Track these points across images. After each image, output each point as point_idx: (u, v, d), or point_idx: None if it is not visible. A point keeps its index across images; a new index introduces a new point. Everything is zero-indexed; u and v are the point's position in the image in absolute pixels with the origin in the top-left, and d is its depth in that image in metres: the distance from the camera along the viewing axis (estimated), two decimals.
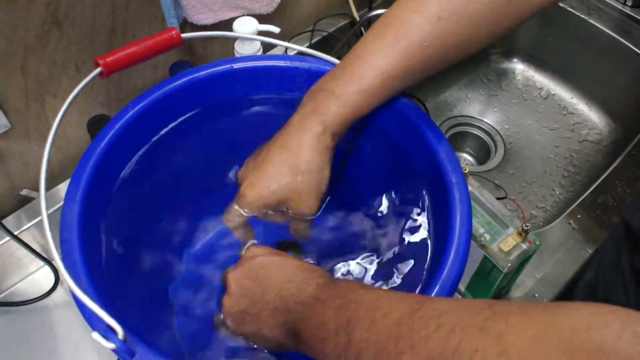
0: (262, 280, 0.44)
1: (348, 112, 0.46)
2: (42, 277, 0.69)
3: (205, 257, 0.61)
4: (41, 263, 0.67)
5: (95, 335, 0.37)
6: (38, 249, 0.63)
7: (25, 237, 0.65)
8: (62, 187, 0.71)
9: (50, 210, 0.67)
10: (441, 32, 0.46)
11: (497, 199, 0.61)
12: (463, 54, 0.49)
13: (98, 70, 0.48)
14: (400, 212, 0.55)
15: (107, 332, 0.37)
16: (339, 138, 0.48)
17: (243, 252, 0.50)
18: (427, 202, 0.52)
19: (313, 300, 0.40)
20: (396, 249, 0.55)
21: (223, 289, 0.48)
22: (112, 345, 0.37)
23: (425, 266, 0.49)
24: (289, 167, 0.47)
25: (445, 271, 0.42)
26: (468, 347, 0.28)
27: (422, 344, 0.30)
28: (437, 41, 0.46)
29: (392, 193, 0.57)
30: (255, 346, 0.47)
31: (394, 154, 0.56)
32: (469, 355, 0.28)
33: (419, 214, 0.53)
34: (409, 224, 0.54)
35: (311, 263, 0.49)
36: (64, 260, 0.42)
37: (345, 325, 0.35)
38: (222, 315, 0.47)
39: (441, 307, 0.32)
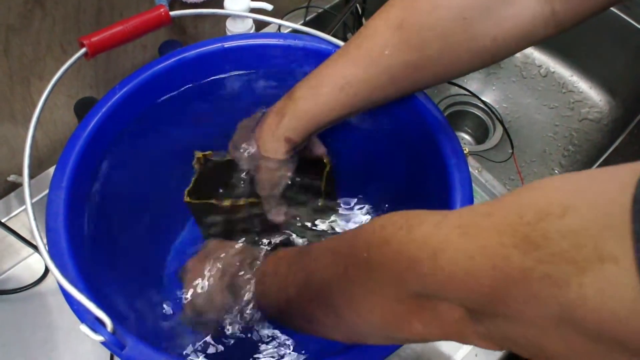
0: (215, 259, 0.52)
1: (303, 122, 0.49)
2: (35, 263, 0.68)
3: (196, 243, 0.59)
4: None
5: (84, 328, 0.36)
6: (27, 236, 0.62)
7: (15, 224, 0.64)
8: (51, 172, 0.69)
9: (40, 196, 0.66)
10: (402, 41, 0.43)
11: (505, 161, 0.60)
12: (431, 75, 0.45)
13: (83, 50, 0.46)
14: (397, 196, 0.54)
15: (96, 325, 0.36)
16: (294, 144, 0.51)
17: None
18: (426, 184, 0.51)
19: (246, 265, 0.50)
20: None
21: None
22: (101, 338, 0.35)
23: None
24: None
25: None
26: (321, 264, 0.37)
27: (296, 275, 0.40)
28: (397, 51, 0.43)
29: (389, 177, 0.56)
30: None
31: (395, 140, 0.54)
32: (323, 265, 0.36)
33: (416, 197, 0.51)
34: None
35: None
36: (50, 250, 0.41)
37: (261, 277, 0.47)
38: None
39: (320, 243, 0.40)
